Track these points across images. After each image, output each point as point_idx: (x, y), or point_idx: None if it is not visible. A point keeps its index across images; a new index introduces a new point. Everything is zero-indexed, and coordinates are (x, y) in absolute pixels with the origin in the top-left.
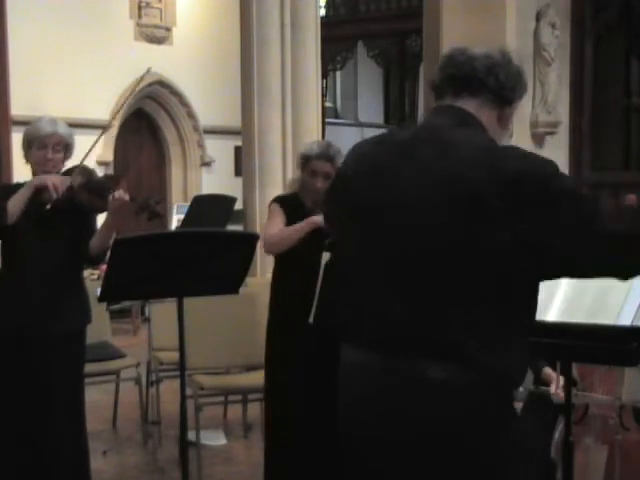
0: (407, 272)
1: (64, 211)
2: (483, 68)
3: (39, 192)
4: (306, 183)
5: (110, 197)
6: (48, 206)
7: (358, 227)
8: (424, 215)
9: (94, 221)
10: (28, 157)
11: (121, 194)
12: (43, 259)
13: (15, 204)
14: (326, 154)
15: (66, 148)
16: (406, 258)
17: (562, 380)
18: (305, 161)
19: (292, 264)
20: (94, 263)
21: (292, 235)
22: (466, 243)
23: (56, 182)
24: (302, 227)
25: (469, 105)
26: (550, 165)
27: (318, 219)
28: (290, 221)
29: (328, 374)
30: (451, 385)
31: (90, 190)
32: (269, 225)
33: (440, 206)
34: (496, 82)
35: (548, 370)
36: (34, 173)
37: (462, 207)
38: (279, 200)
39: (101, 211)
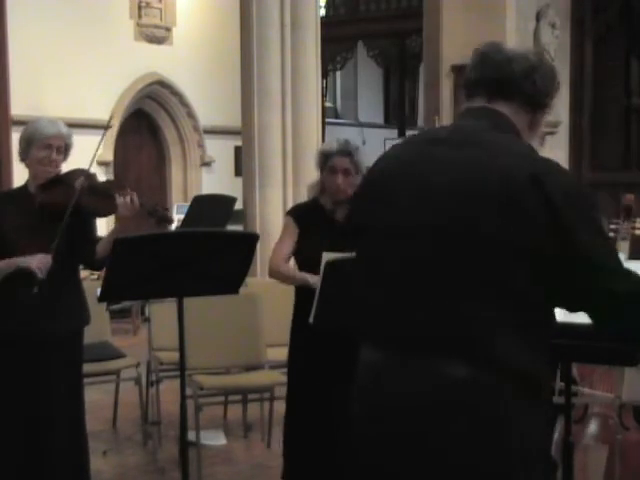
0: (428, 271)
1: (64, 212)
2: (521, 72)
3: (23, 272)
4: (326, 182)
5: (120, 200)
6: (35, 289)
7: (382, 230)
8: (455, 215)
9: (93, 225)
10: (25, 157)
11: (129, 199)
12: None
13: None
14: (345, 149)
15: (66, 149)
16: (429, 258)
17: None
18: (325, 158)
19: (310, 265)
20: (96, 269)
21: (287, 280)
22: (496, 244)
23: (39, 265)
24: (298, 279)
25: (504, 108)
26: (590, 198)
27: (310, 280)
28: (308, 230)
29: (328, 373)
30: (476, 384)
31: (94, 193)
32: (278, 244)
33: (473, 206)
34: (533, 87)
35: None
36: (34, 173)
37: (498, 209)
38: (294, 212)
39: (104, 215)
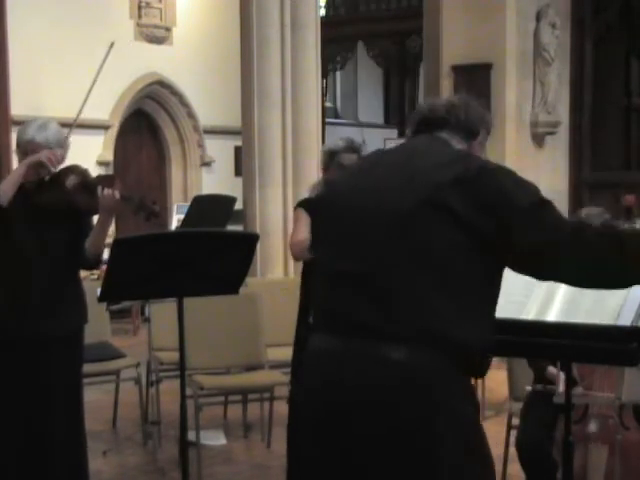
0: (367, 260)
1: (60, 211)
2: (443, 109)
3: (35, 169)
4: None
5: (99, 192)
6: (47, 178)
7: (333, 226)
8: (390, 208)
9: (91, 223)
10: (21, 158)
11: (109, 191)
12: (39, 260)
13: (8, 185)
14: (352, 146)
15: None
16: (370, 248)
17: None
18: (332, 156)
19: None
20: (91, 267)
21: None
22: (430, 235)
23: (50, 155)
24: None
25: (440, 134)
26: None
27: None
28: None
29: None
30: (412, 364)
31: (86, 191)
32: (294, 232)
33: (407, 200)
34: (456, 120)
35: (552, 369)
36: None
37: (428, 203)
38: (303, 204)
39: (97, 212)
